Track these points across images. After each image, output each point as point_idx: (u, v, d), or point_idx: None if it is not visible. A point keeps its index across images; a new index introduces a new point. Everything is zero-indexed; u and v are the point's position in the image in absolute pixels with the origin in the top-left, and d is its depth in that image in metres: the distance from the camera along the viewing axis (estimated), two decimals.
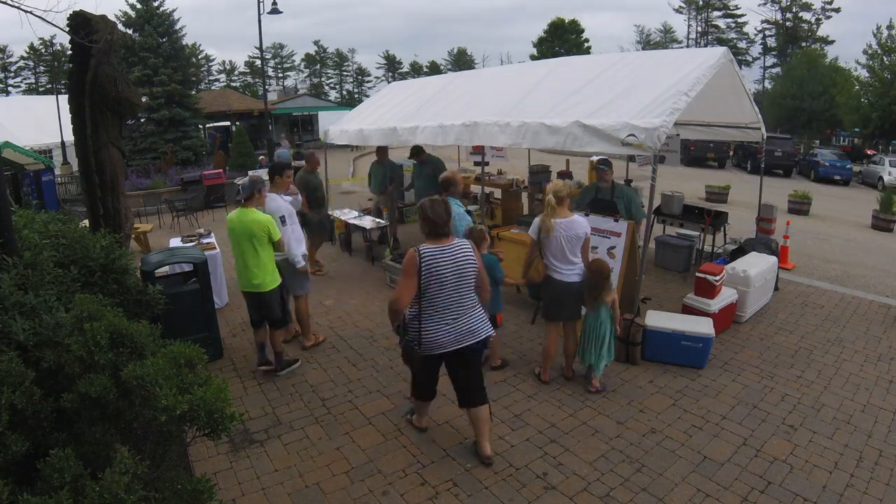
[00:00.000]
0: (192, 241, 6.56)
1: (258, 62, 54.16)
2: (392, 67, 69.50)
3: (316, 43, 71.04)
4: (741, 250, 6.71)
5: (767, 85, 39.94)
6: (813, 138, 33.31)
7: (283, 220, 4.53)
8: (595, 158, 10.59)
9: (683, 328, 4.62)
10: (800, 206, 13.17)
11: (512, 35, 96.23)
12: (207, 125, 24.29)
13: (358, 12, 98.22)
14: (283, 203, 4.69)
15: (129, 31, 18.80)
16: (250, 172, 14.70)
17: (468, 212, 5.16)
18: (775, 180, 19.01)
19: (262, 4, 17.24)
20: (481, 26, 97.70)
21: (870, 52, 27.22)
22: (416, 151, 8.11)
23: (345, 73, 70.36)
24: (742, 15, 49.70)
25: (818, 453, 3.52)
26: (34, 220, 3.57)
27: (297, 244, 4.74)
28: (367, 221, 8.10)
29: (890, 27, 25.70)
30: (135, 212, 6.39)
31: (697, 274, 5.28)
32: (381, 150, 8.52)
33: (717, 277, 5.19)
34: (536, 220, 4.21)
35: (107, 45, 4.36)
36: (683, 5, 52.31)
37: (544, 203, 4.17)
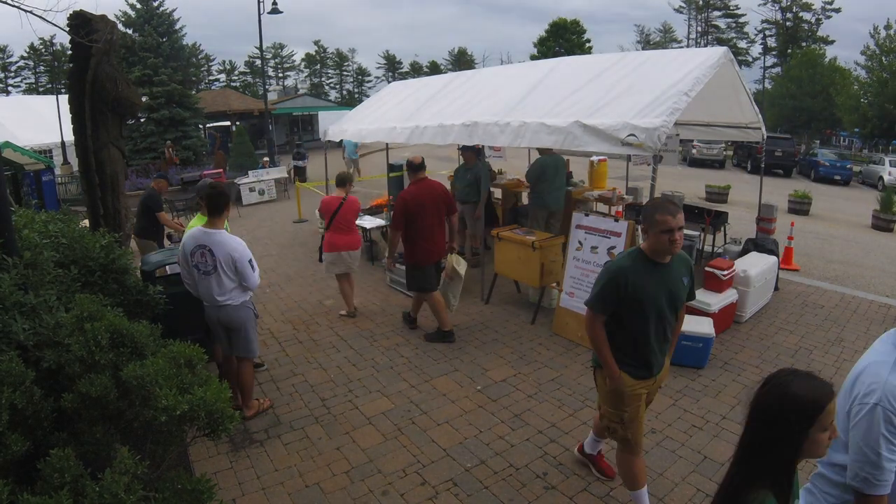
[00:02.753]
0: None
1: (258, 62, 54.19)
2: (392, 67, 69.46)
3: (316, 43, 71.12)
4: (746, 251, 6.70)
5: (767, 85, 39.80)
6: (813, 138, 33.27)
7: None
8: (595, 158, 10.60)
9: (683, 328, 4.61)
10: (800, 206, 13.17)
11: (512, 35, 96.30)
12: (207, 125, 24.31)
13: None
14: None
15: (129, 31, 18.83)
16: (250, 172, 14.79)
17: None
18: (775, 180, 19.01)
19: (262, 4, 17.25)
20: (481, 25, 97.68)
21: (868, 52, 27.25)
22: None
23: (345, 73, 70.33)
24: (742, 15, 49.61)
25: None
26: (34, 220, 3.56)
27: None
28: (367, 221, 8.10)
29: (888, 27, 25.72)
30: (135, 211, 6.42)
31: (706, 268, 5.34)
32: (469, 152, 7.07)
33: (726, 272, 5.21)
34: None
35: (107, 44, 4.37)
36: (683, 5, 52.28)
37: None
